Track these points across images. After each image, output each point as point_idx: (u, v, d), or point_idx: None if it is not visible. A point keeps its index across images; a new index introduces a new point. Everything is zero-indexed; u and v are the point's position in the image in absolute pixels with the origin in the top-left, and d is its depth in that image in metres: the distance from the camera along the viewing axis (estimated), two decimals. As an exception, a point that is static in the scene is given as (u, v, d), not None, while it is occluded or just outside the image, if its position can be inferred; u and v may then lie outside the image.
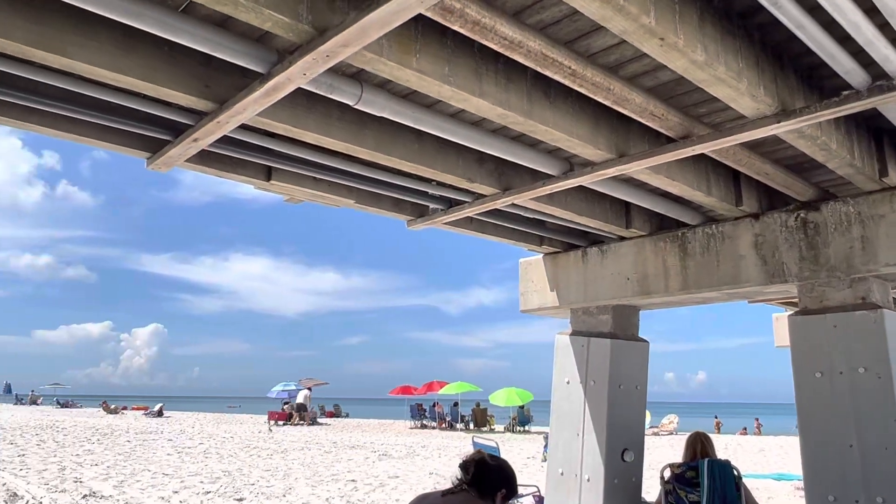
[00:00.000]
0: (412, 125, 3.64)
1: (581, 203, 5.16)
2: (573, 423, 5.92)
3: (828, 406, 4.52)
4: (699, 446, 5.24)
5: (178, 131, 3.76)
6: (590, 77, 3.07)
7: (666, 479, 5.22)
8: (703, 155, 4.19)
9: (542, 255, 6.57)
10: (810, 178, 4.69)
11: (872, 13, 2.64)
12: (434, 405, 29.58)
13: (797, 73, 3.45)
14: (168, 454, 15.15)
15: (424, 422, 29.03)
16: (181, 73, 3.19)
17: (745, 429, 30.52)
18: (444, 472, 12.33)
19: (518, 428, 26.69)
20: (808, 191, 4.69)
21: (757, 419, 32.00)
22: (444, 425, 27.94)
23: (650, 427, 28.78)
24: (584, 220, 5.28)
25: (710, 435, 5.68)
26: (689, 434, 5.49)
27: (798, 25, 2.62)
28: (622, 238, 5.90)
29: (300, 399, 30.21)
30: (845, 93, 3.15)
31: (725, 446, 19.75)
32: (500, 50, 2.79)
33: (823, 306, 4.66)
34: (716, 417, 33.17)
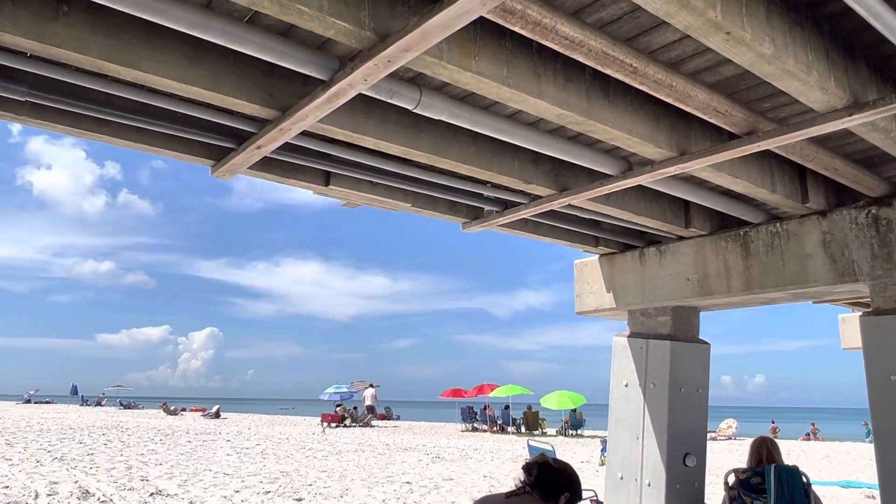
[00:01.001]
0: (470, 127, 3.65)
1: (639, 203, 5.08)
2: (632, 426, 5.82)
3: (905, 410, 4.32)
4: (765, 452, 5.09)
5: (242, 139, 3.86)
6: (651, 74, 3.03)
7: (730, 484, 5.08)
8: (767, 151, 4.07)
9: (597, 256, 6.49)
10: (882, 173, 4.50)
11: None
12: (485, 408, 29.47)
13: (869, 63, 3.32)
14: (227, 454, 15.53)
15: (475, 425, 28.94)
16: (245, 82, 3.28)
17: (808, 434, 29.40)
18: (499, 475, 12.28)
19: (570, 431, 26.38)
20: (879, 186, 4.50)
21: (813, 424, 30.65)
22: (495, 428, 27.81)
23: (707, 431, 28.04)
24: (642, 219, 5.19)
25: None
26: (753, 439, 5.33)
27: (873, 14, 2.52)
28: (681, 238, 5.78)
29: (368, 400, 30.61)
30: (923, 83, 3.02)
31: (788, 452, 19.06)
32: (561, 50, 2.78)
33: (898, 306, 4.46)
34: (773, 422, 31.99)
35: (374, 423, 30.49)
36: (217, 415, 36.48)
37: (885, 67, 3.38)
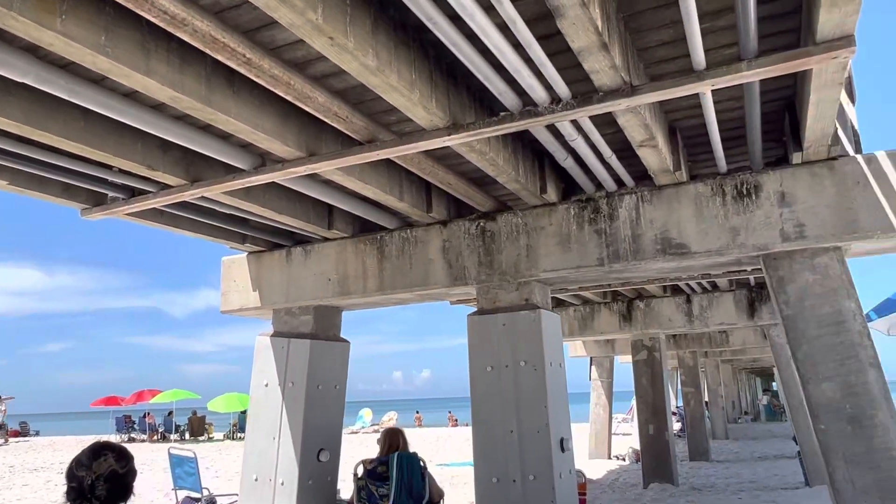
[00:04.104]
0: (67, 97, 3.19)
1: (281, 201, 5.06)
2: (270, 427, 5.77)
3: (495, 396, 5.01)
4: (392, 441, 5.44)
5: None
6: (267, 69, 2.99)
7: (359, 475, 5.32)
8: (396, 163, 4.36)
9: (246, 253, 6.32)
10: (490, 191, 5.17)
11: (520, 48, 2.96)
12: (145, 416, 27.03)
13: (470, 91, 3.74)
14: None
15: (133, 435, 26.36)
16: None
17: (456, 420, 33.17)
18: (142, 489, 11.25)
19: (238, 434, 25.57)
20: (487, 202, 5.17)
21: (450, 412, 34.96)
22: (155, 437, 25.67)
23: (372, 424, 29.69)
24: (285, 218, 5.19)
25: (415, 429, 5.93)
26: (382, 430, 5.69)
27: (453, 44, 2.83)
28: (326, 239, 5.93)
29: None
30: (503, 114, 3.50)
31: (437, 438, 21.15)
32: (162, 25, 2.58)
33: (496, 307, 5.17)
34: (417, 413, 35.51)
35: (-1, 441, 25.82)
36: None
37: (482, 97, 3.84)
